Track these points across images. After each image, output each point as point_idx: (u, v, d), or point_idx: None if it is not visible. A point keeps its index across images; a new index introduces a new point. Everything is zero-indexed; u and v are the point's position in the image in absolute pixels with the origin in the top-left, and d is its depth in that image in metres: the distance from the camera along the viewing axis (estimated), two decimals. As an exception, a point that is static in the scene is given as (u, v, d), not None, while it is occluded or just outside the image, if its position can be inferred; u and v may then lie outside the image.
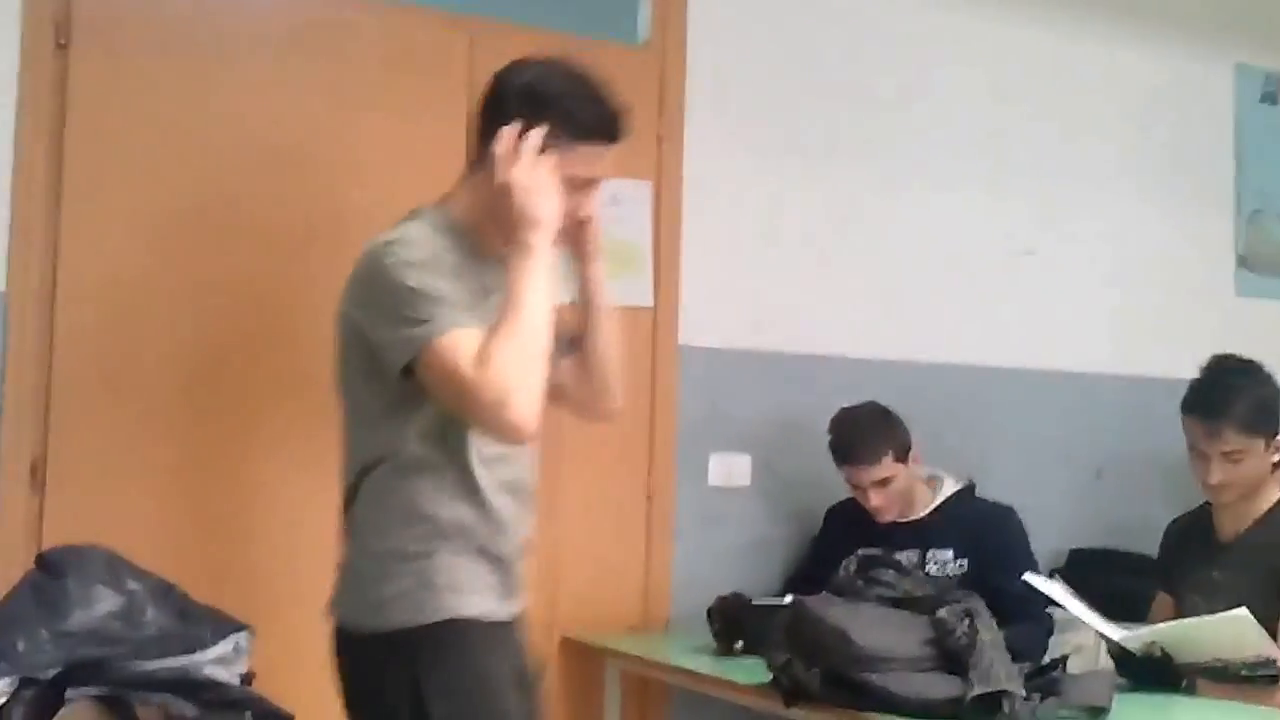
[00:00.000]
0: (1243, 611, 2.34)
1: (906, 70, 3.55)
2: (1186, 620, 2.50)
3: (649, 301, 3.20)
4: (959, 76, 3.63)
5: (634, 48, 3.24)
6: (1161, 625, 2.49)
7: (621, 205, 3.19)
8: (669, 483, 3.20)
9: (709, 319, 3.26)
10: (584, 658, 3.00)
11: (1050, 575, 3.37)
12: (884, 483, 2.98)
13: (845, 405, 3.08)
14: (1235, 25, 4.07)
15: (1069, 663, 2.67)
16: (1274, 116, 4.13)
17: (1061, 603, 2.55)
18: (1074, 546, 3.61)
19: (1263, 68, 4.11)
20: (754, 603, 2.67)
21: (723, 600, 2.73)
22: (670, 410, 3.21)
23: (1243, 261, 4.05)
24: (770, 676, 2.23)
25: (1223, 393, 2.61)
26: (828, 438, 3.06)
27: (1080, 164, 3.78)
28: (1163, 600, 2.80)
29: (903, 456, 3.00)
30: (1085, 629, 2.68)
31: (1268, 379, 2.67)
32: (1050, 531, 3.49)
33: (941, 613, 2.09)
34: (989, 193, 3.64)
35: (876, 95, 3.50)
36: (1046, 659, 2.61)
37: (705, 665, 2.60)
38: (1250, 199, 4.06)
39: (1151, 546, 2.97)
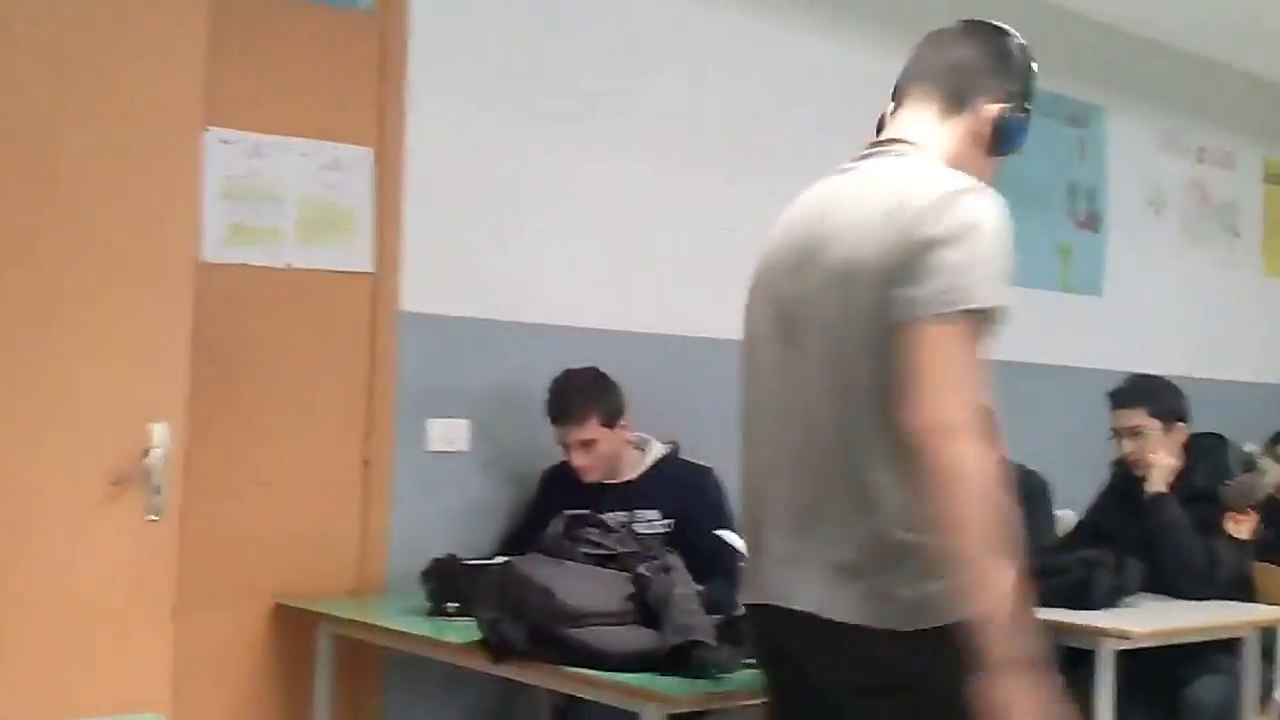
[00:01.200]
0: None
1: (624, 47, 3.65)
2: None
3: (369, 267, 3.20)
4: (671, 56, 3.76)
5: (358, 13, 3.22)
6: None
7: (341, 171, 3.18)
8: (387, 448, 3.21)
9: (430, 286, 3.28)
10: (296, 623, 2.99)
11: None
12: (588, 444, 3.09)
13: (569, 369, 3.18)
14: (936, 19, 4.35)
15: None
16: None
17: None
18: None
19: (950, 64, 4.43)
20: (467, 563, 2.73)
21: (437, 562, 2.77)
22: (389, 376, 3.22)
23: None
24: (480, 635, 2.30)
25: None
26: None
27: (779, 148, 3.98)
28: None
29: (610, 421, 3.11)
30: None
31: None
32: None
33: (641, 569, 2.21)
34: (695, 171, 3.78)
35: (596, 69, 3.59)
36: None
37: (417, 626, 2.63)
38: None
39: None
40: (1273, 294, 5.64)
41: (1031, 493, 3.92)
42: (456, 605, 2.67)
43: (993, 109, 1.87)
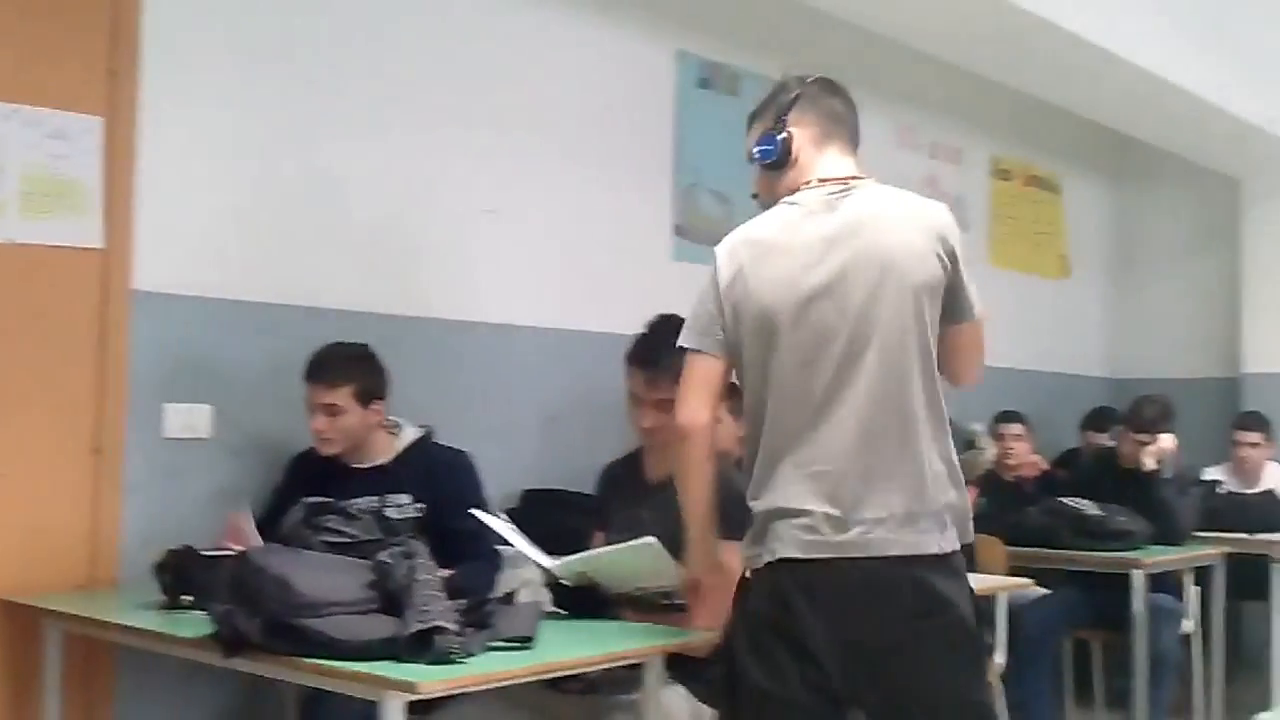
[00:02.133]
0: (650, 540, 2.56)
1: (377, 20, 3.59)
2: (603, 549, 2.70)
3: (98, 243, 3.04)
4: (429, 33, 3.71)
5: (83, -27, 3.05)
6: (582, 554, 2.66)
7: (68, 140, 3.01)
8: (119, 435, 3.06)
9: (168, 263, 3.15)
10: (21, 621, 2.82)
11: (505, 514, 3.62)
12: (333, 410, 3.00)
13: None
14: (678, 15, 4.47)
15: (519, 596, 2.88)
16: (710, 100, 4.57)
17: (504, 536, 2.72)
18: (527, 488, 3.84)
19: (701, 55, 4.53)
20: (203, 554, 2.64)
21: (171, 554, 2.66)
22: (121, 359, 3.07)
23: (679, 230, 4.45)
24: (213, 628, 2.23)
25: (662, 348, 2.80)
26: (298, 386, 3.06)
27: (538, 134, 4.00)
28: (598, 538, 3.02)
29: (364, 398, 3.05)
30: (534, 565, 2.88)
31: None
32: (506, 474, 3.69)
33: (382, 556, 2.19)
34: (454, 152, 3.75)
35: (348, 41, 3.52)
36: (497, 594, 2.80)
37: (148, 621, 2.53)
38: (686, 174, 4.48)
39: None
40: (999, 284, 6.02)
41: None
42: (191, 598, 2.58)
43: None
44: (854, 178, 2.31)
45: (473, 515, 2.80)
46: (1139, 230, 6.87)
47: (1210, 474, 5.39)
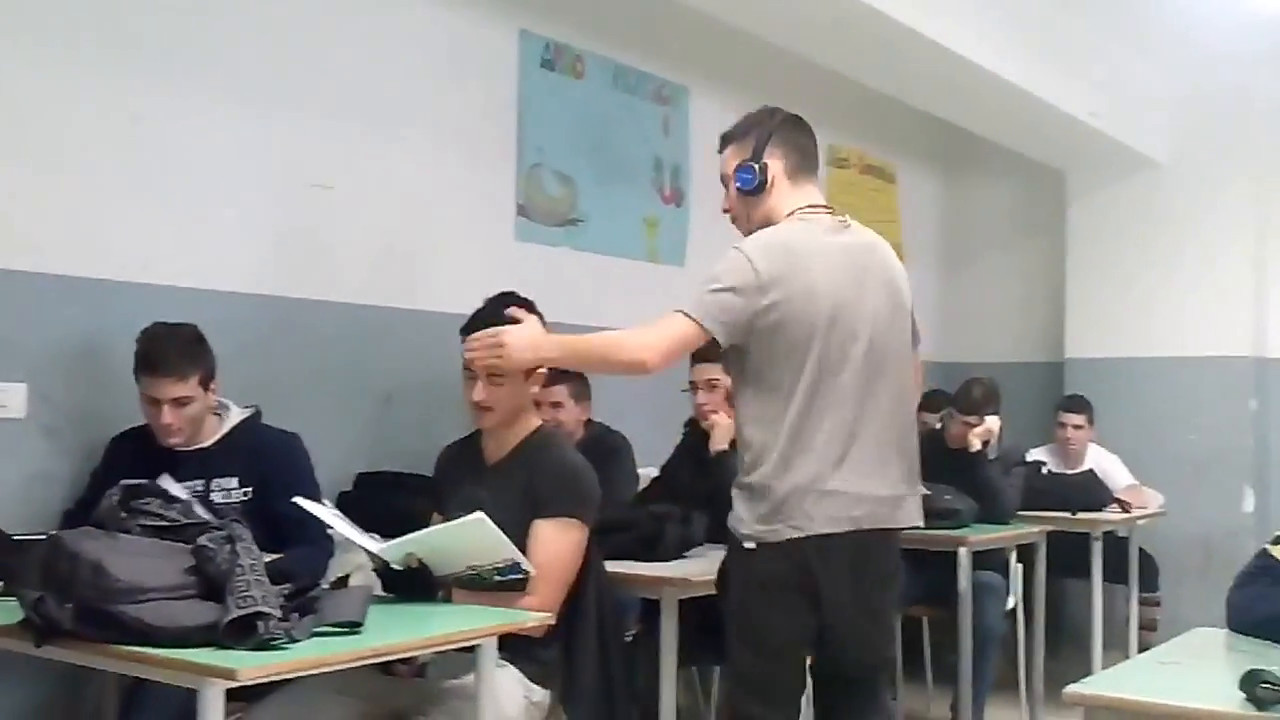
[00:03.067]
0: (479, 515, 2.55)
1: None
2: (430, 529, 2.67)
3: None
4: (266, 6, 3.61)
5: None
6: (410, 535, 2.62)
7: None
8: (-80, 416, 2.91)
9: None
10: None
11: (338, 497, 3.56)
12: (182, 402, 2.91)
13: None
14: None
15: (351, 580, 2.82)
16: (552, 80, 4.56)
17: (329, 523, 2.67)
18: (361, 470, 3.78)
19: (544, 36, 4.52)
20: (15, 539, 2.52)
21: (-21, 537, 2.55)
22: (-75, 335, 2.92)
23: (521, 210, 4.44)
24: (23, 615, 2.14)
25: (495, 322, 2.76)
26: (119, 365, 2.96)
27: (379, 111, 3.94)
28: (436, 520, 2.97)
29: (207, 382, 2.97)
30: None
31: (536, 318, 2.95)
32: (340, 456, 3.65)
33: (202, 540, 2.13)
34: (286, 126, 3.66)
35: (183, 12, 3.40)
36: (328, 579, 2.75)
37: (-46, 609, 2.41)
38: (530, 154, 4.47)
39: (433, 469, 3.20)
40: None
41: (614, 451, 4.10)
42: (2, 584, 2.47)
43: None
44: (827, 208, 2.75)
45: (299, 499, 2.74)
46: (969, 219, 7.11)
47: (1034, 455, 5.62)
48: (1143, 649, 4.81)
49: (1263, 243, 6.12)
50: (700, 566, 3.22)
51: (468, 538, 2.60)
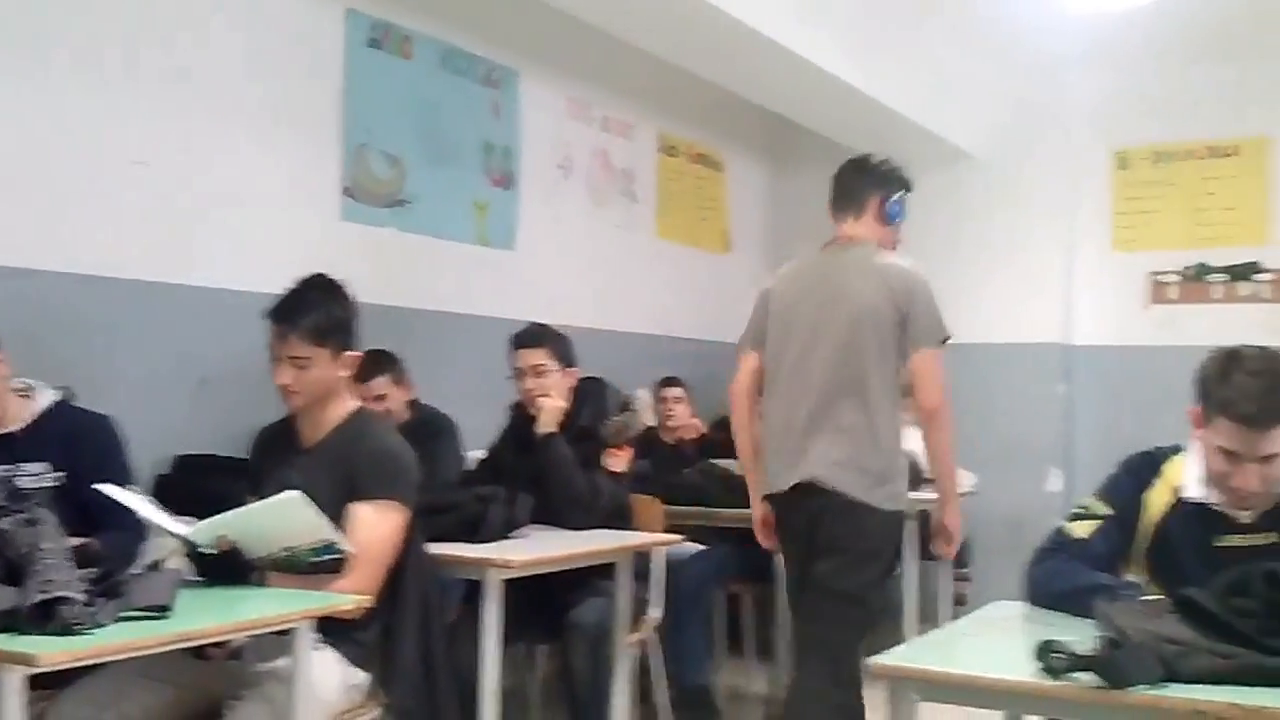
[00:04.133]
0: (293, 493, 2.51)
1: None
2: (242, 508, 2.61)
3: None
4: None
5: None
6: (220, 516, 2.56)
7: None
8: None
9: None
10: None
11: (156, 481, 3.46)
12: None
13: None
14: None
15: (166, 564, 2.75)
16: (380, 60, 4.50)
17: (134, 508, 2.59)
18: (179, 453, 3.69)
19: (371, 15, 4.46)
20: None
21: None
22: None
23: (348, 191, 4.38)
24: None
25: (299, 304, 2.79)
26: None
27: (201, 89, 3.83)
28: (251, 502, 2.95)
29: None
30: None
31: (345, 300, 2.90)
32: (157, 438, 3.55)
33: (3, 524, 2.05)
34: (103, 102, 3.55)
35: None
36: (141, 563, 2.68)
37: None
38: (357, 134, 4.41)
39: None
40: (665, 255, 6.25)
41: (439, 433, 4.10)
42: None
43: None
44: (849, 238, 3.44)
45: (116, 483, 2.66)
46: (794, 210, 7.26)
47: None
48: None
49: (1071, 235, 6.43)
50: (523, 548, 3.24)
51: (281, 518, 2.56)
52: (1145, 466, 2.45)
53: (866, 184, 3.44)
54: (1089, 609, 2.08)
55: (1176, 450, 2.43)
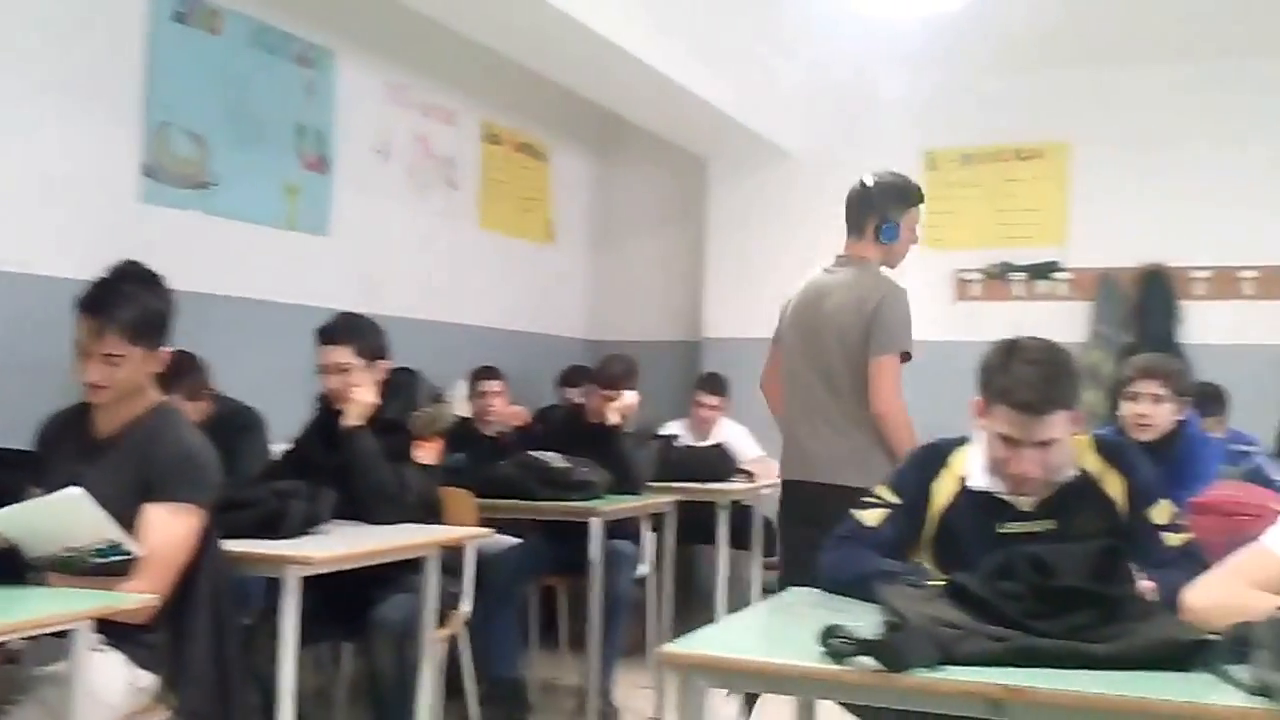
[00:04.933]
0: (76, 490, 2.40)
1: None
2: (17, 505, 2.49)
3: None
4: None
5: None
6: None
7: None
8: None
9: None
10: None
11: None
12: None
13: None
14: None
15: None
16: (185, 35, 4.33)
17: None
18: (-40, 445, 3.48)
19: (174, -11, 4.30)
20: None
21: None
22: None
23: (148, 171, 4.20)
24: None
25: (114, 296, 2.66)
26: None
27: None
28: (35, 493, 2.76)
29: None
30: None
31: (164, 294, 2.77)
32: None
33: None
34: None
35: None
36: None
37: None
38: (158, 111, 4.23)
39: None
40: (487, 244, 6.20)
41: (244, 429, 3.96)
42: None
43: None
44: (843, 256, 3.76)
45: None
46: (619, 202, 7.31)
47: (670, 428, 5.86)
48: (764, 611, 5.10)
49: (881, 234, 6.61)
50: (324, 544, 3.16)
51: (62, 516, 2.44)
52: (932, 457, 2.53)
53: (863, 207, 3.72)
54: (876, 594, 2.14)
55: (962, 441, 2.52)
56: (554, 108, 6.55)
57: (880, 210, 3.70)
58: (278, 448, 4.04)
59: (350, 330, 3.65)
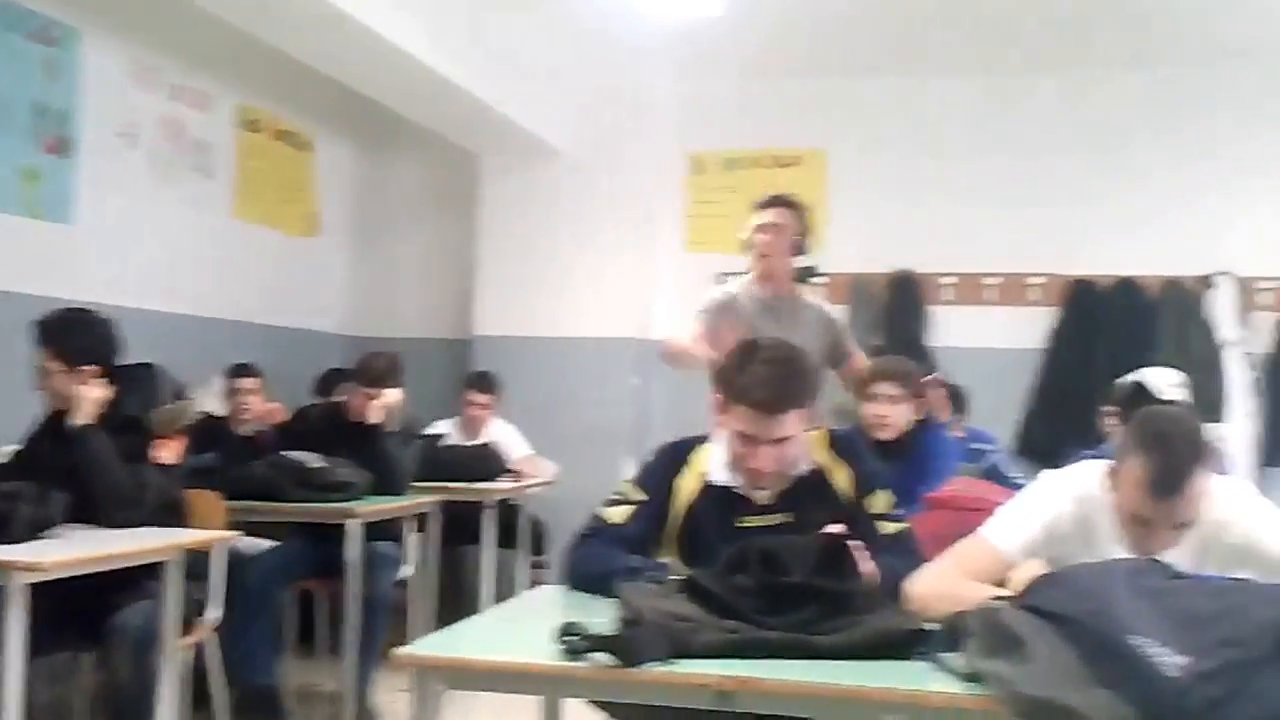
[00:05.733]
0: None
1: None
2: None
3: None
4: None
5: None
6: None
7: None
8: None
9: None
10: None
11: None
12: None
13: None
14: None
15: None
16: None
17: None
18: None
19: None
20: None
21: None
22: None
23: None
24: None
25: None
26: None
27: None
28: None
29: None
30: None
31: None
32: None
33: None
34: None
35: None
36: None
37: None
38: None
39: None
40: (242, 235, 5.98)
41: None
42: None
43: None
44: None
45: None
46: (386, 194, 7.18)
47: (438, 428, 5.79)
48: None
49: (649, 233, 6.70)
50: (55, 548, 2.99)
51: None
52: (676, 454, 2.58)
53: None
54: (617, 591, 2.15)
55: (705, 439, 2.57)
56: (318, 95, 6.35)
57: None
58: (7, 448, 3.79)
59: (51, 331, 3.46)
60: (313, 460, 4.42)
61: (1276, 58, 5.95)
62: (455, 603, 5.72)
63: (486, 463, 5.57)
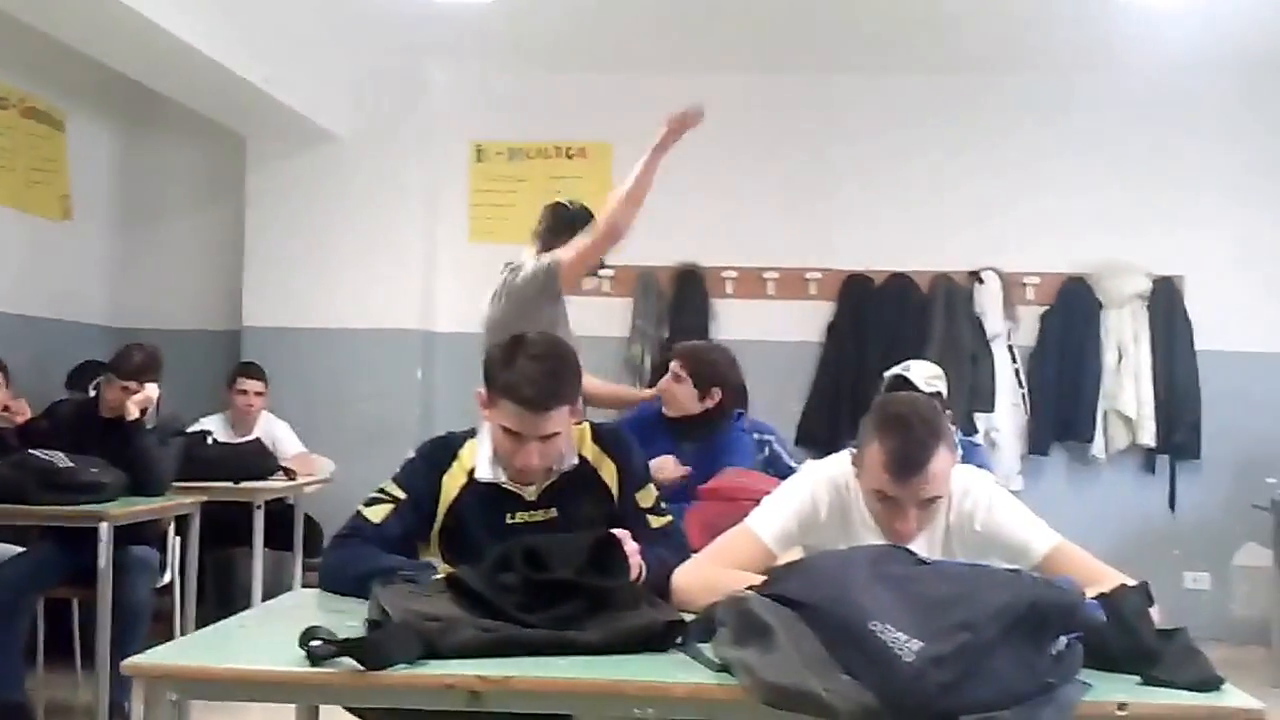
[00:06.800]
0: None
1: None
2: None
3: None
4: None
5: None
6: None
7: None
8: None
9: None
10: None
11: None
12: None
13: None
14: None
15: None
16: None
17: None
18: None
19: None
20: None
21: None
22: None
23: None
24: None
25: None
26: None
27: None
28: None
29: None
30: None
31: None
32: None
33: None
34: None
35: None
36: None
37: None
38: None
39: None
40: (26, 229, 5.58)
41: None
42: None
43: None
44: None
45: None
46: (149, 178, 6.81)
47: (205, 424, 5.53)
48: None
49: (432, 222, 6.56)
50: None
51: None
52: (442, 450, 2.50)
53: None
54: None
55: (473, 434, 2.50)
56: (71, 71, 5.93)
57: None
58: None
59: None
60: (61, 460, 4.16)
61: (1035, 69, 6.26)
62: (225, 609, 5.47)
63: (257, 460, 5.35)
